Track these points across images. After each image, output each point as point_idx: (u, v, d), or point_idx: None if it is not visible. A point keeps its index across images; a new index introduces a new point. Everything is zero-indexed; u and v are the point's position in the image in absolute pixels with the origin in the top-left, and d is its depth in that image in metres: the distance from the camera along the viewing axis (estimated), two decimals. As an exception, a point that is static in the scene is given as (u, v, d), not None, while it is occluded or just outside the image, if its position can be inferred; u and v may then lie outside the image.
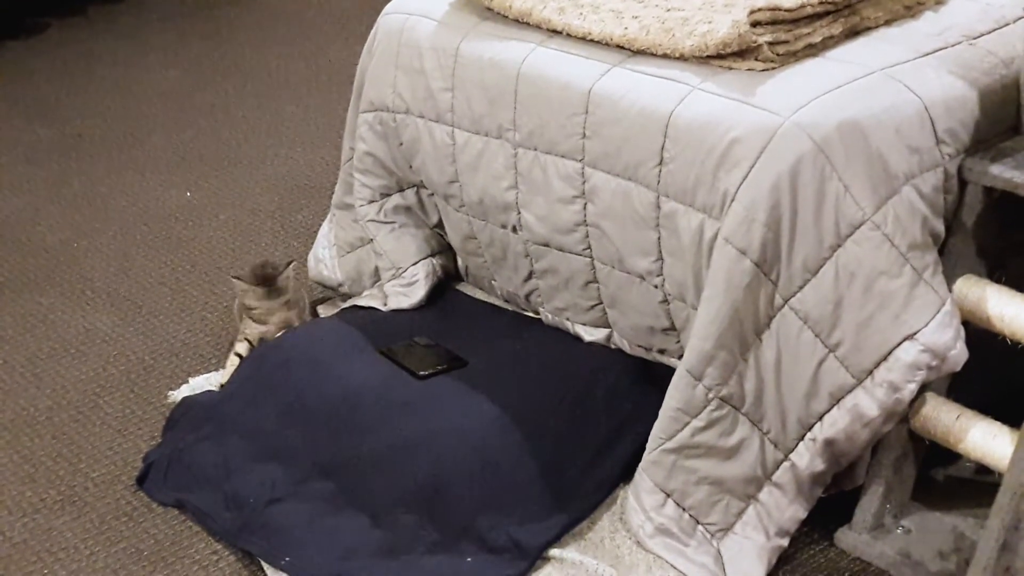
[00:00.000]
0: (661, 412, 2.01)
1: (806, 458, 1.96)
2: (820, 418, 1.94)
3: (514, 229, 2.37)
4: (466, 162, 2.39)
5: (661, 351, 2.25)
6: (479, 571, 1.99)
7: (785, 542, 1.99)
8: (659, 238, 2.10)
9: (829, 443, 1.93)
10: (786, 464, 1.97)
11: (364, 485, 2.14)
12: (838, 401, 1.92)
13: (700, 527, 1.99)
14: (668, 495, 2.00)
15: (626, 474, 2.12)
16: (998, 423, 1.90)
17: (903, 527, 2.00)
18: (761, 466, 1.97)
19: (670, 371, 2.25)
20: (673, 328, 2.18)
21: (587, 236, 2.23)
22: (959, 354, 1.91)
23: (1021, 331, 1.86)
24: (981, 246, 1.95)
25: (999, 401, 1.94)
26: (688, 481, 1.98)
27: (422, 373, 2.33)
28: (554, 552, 2.03)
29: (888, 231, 1.88)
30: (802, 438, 1.95)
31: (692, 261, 2.03)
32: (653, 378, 2.26)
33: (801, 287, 1.90)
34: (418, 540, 2.05)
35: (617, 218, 2.16)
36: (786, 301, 1.91)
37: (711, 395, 1.94)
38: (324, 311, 2.68)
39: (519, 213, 2.34)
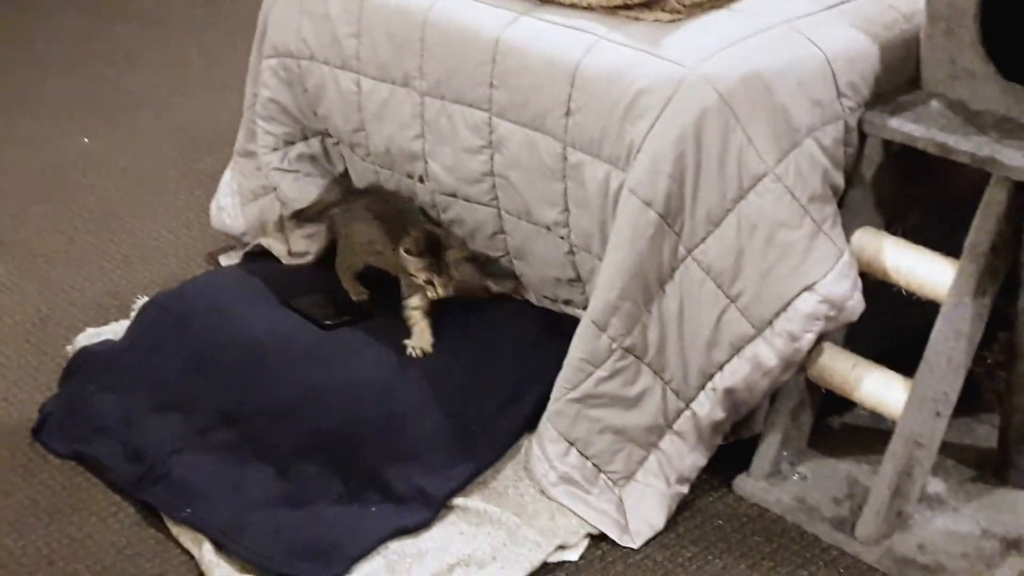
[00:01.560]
0: (566, 362, 2.02)
1: (707, 407, 1.99)
2: (721, 368, 1.97)
3: (421, 179, 2.36)
4: (372, 110, 2.36)
5: (567, 302, 2.26)
6: (384, 520, 1.99)
7: (685, 489, 2.02)
8: (566, 189, 2.10)
9: (729, 392, 1.96)
10: (687, 413, 2.00)
11: (268, 436, 2.13)
12: (738, 351, 1.95)
13: (602, 475, 2.01)
14: (571, 444, 2.01)
15: (531, 424, 2.13)
16: (892, 372, 1.94)
17: (799, 474, 2.05)
18: (663, 415, 2.00)
19: (576, 322, 2.26)
20: (579, 279, 2.19)
21: (494, 187, 2.23)
22: (856, 305, 1.95)
23: (916, 282, 1.90)
24: (879, 199, 1.99)
25: (894, 351, 1.98)
26: (591, 430, 2.00)
27: (327, 324, 2.31)
28: (459, 501, 2.03)
29: (789, 183, 1.90)
30: (703, 387, 1.98)
31: (598, 212, 2.04)
32: (559, 329, 2.27)
33: (704, 238, 1.92)
34: (323, 490, 2.05)
35: (524, 169, 2.15)
36: (689, 252, 1.93)
37: (615, 345, 1.96)
38: (226, 260, 2.65)
39: (426, 163, 2.32)
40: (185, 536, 2.00)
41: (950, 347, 1.84)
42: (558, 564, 1.95)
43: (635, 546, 1.96)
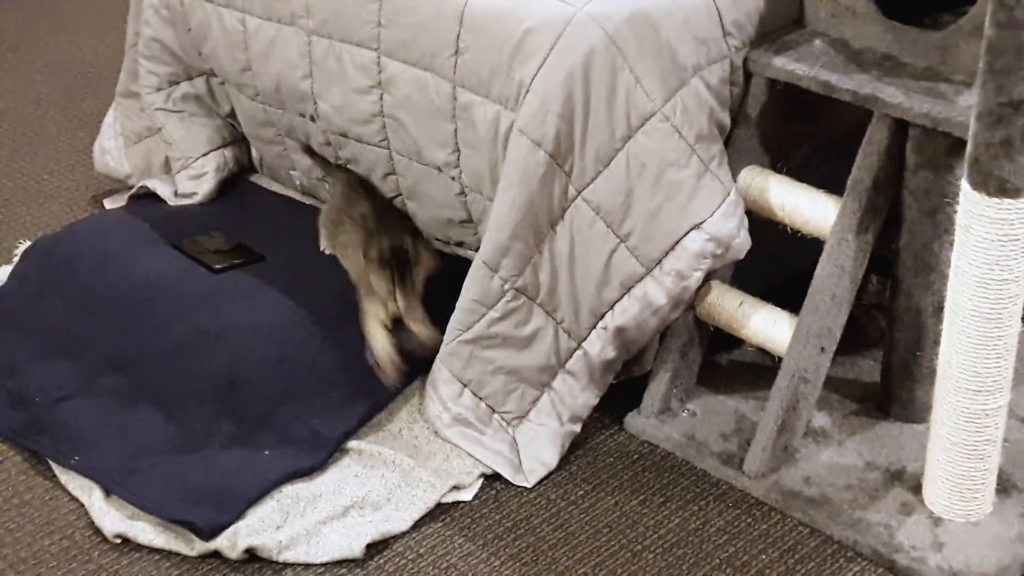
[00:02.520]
0: (459, 304, 2.02)
1: (598, 346, 2.00)
2: (611, 307, 1.98)
3: (312, 118, 2.33)
4: (258, 50, 2.32)
5: (459, 244, 2.26)
6: (277, 463, 1.98)
7: (578, 428, 2.04)
8: (456, 129, 2.09)
9: (620, 331, 1.98)
10: (579, 352, 2.01)
11: (157, 380, 2.10)
12: (628, 290, 1.97)
13: (496, 415, 2.02)
14: (465, 385, 2.02)
15: (426, 366, 2.13)
16: (778, 309, 1.98)
17: (688, 410, 2.08)
18: (555, 355, 2.01)
19: (468, 264, 2.26)
20: (470, 220, 2.19)
21: (384, 127, 2.21)
22: (742, 243, 1.97)
23: (801, 220, 1.92)
24: (764, 137, 2.01)
25: (779, 288, 2.01)
26: (484, 371, 2.01)
27: (216, 267, 2.28)
28: (353, 443, 2.03)
29: (677, 122, 1.91)
30: (594, 327, 2.00)
31: (488, 153, 2.03)
32: (453, 271, 2.27)
33: (594, 178, 1.93)
34: (213, 434, 2.03)
35: (414, 109, 2.13)
36: (579, 192, 1.94)
37: (507, 286, 1.96)
38: (111, 203, 2.60)
39: (315, 103, 2.29)
40: (74, 484, 1.97)
41: (833, 284, 1.88)
42: (452, 504, 1.96)
43: (528, 485, 1.98)
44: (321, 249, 2.30)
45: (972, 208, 1.64)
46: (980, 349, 1.70)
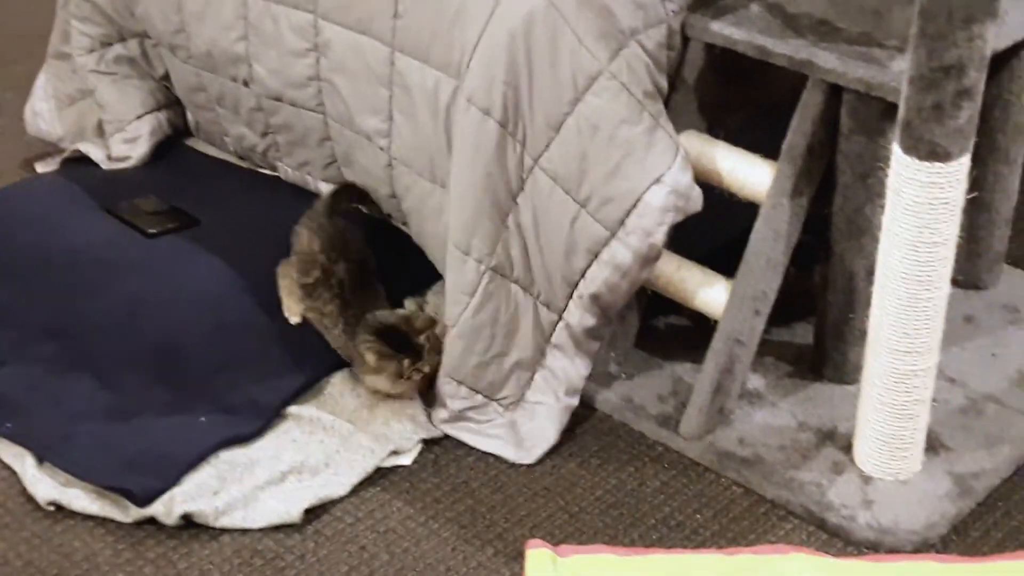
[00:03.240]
0: (446, 299, 2.00)
1: (576, 316, 1.98)
2: (583, 274, 1.95)
3: (245, 83, 2.30)
4: (192, 11, 2.28)
5: (389, 216, 2.25)
6: (213, 430, 1.97)
7: (575, 400, 2.02)
8: (391, 96, 2.07)
9: (594, 298, 1.96)
10: (561, 324, 1.99)
11: (91, 347, 2.08)
12: (596, 256, 1.93)
13: (493, 403, 2.01)
14: (460, 382, 2.00)
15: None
16: (714, 273, 1.99)
17: (626, 374, 2.09)
18: (539, 331, 1.99)
19: (402, 233, 2.25)
20: (394, 195, 2.17)
21: (320, 92, 2.19)
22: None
23: (737, 184, 1.94)
24: (702, 102, 2.01)
25: (715, 253, 2.02)
26: (478, 364, 1.99)
27: (151, 231, 2.26)
28: (292, 409, 2.02)
29: (624, 80, 1.89)
30: (570, 296, 1.97)
31: (427, 122, 2.02)
32: (394, 244, 2.26)
33: (547, 145, 1.91)
34: (149, 401, 2.01)
35: (350, 73, 2.12)
36: (535, 161, 1.92)
37: (482, 267, 1.95)
38: (43, 167, 2.56)
39: (250, 66, 2.26)
40: (6, 451, 1.94)
41: (768, 247, 1.89)
42: (391, 469, 1.96)
43: (530, 461, 1.97)
44: (286, 316, 2.07)
45: (903, 172, 1.66)
46: (910, 311, 1.73)
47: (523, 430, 2.00)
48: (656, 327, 2.17)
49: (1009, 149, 2.07)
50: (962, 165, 1.65)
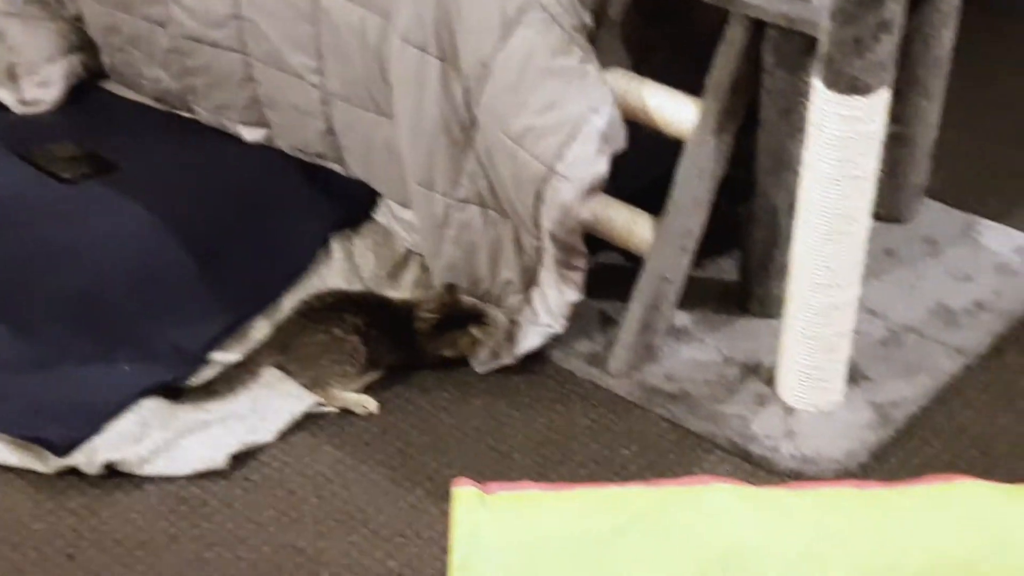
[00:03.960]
0: (421, 233, 1.99)
1: (549, 247, 1.96)
2: (537, 210, 1.93)
3: (161, 24, 2.25)
4: (104, -52, 2.23)
5: (320, 155, 2.22)
6: (136, 377, 1.95)
7: (558, 326, 2.00)
8: (318, 33, 2.04)
9: (552, 234, 1.94)
10: (540, 247, 1.97)
11: (8, 297, 2.03)
12: (541, 194, 1.90)
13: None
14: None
15: (291, 278, 2.11)
16: (641, 211, 1.99)
17: (556, 314, 2.09)
18: (524, 253, 1.99)
19: (333, 173, 2.23)
20: (332, 131, 2.15)
21: (241, 31, 2.15)
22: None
23: (663, 122, 1.93)
24: (627, 40, 2.00)
25: (642, 191, 2.02)
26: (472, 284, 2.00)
27: (68, 177, 2.21)
28: (216, 355, 2.00)
29: (554, 12, 1.86)
30: (539, 227, 1.95)
31: (357, 59, 1.99)
32: (317, 179, 2.24)
33: (483, 80, 1.89)
34: (70, 351, 1.98)
35: (272, 11, 2.08)
36: (477, 98, 1.91)
37: (449, 200, 1.94)
38: (-48, 115, 2.49)
39: (166, 6, 2.22)
40: (-78, 404, 1.91)
41: (694, 184, 1.90)
42: (320, 414, 1.95)
43: (510, 361, 1.99)
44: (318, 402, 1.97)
45: (824, 106, 1.66)
46: (831, 245, 1.74)
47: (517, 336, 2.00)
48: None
49: (929, 82, 2.09)
50: (882, 99, 1.66)
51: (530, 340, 2.00)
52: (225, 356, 2.00)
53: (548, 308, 2.00)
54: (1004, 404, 1.94)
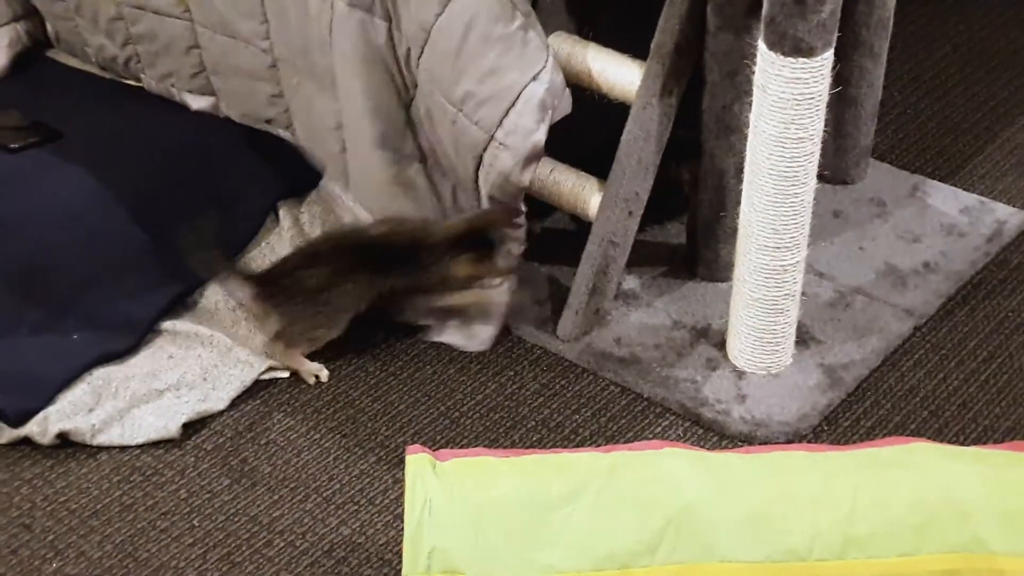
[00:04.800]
0: (370, 193, 2.01)
1: (487, 205, 1.97)
2: (477, 174, 1.93)
3: (105, -9, 2.23)
4: (46, -87, 2.20)
5: (268, 121, 2.20)
6: (86, 347, 1.94)
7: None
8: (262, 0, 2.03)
9: (492, 199, 1.94)
10: (479, 207, 1.99)
11: (-46, 267, 2.02)
12: (479, 159, 1.91)
13: None
14: None
15: (239, 246, 2.10)
16: (587, 175, 1.99)
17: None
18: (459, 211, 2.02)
19: (281, 140, 2.22)
20: (281, 95, 2.13)
21: (186, -3, 2.13)
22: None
23: (607, 85, 1.93)
24: (570, 2, 2.00)
25: (587, 155, 2.02)
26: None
27: (12, 146, 2.19)
28: (166, 324, 2.00)
29: None
30: (477, 190, 1.96)
31: (296, 23, 1.98)
32: (264, 147, 2.22)
33: (423, 46, 1.88)
34: (18, 321, 1.97)
35: (217, -23, 2.06)
36: (416, 61, 1.90)
37: (400, 158, 1.95)
38: None
39: (110, -28, 2.19)
40: None
41: (639, 148, 1.90)
42: (271, 381, 1.95)
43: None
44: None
45: (768, 68, 1.67)
46: (778, 207, 1.75)
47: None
48: (531, 231, 2.16)
49: (873, 43, 2.09)
50: (826, 60, 1.66)
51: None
52: (176, 324, 1.99)
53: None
54: (954, 365, 1.96)
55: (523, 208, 1.95)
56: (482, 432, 1.87)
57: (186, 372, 1.93)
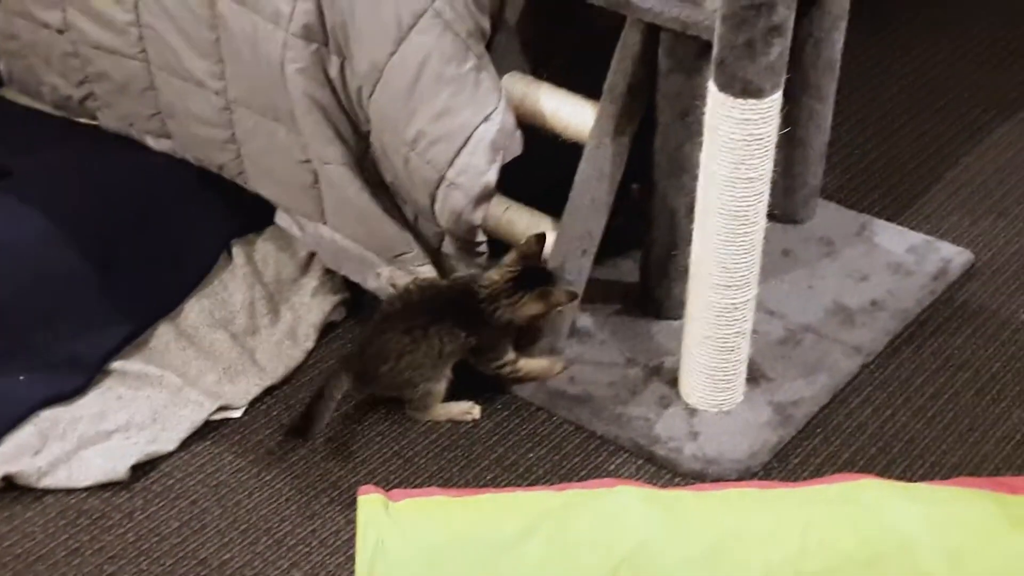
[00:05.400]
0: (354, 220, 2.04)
1: (448, 242, 2.01)
2: (432, 210, 1.95)
3: (60, 30, 2.21)
4: (-2, -46, 2.19)
5: (220, 167, 2.19)
6: (33, 389, 1.92)
7: None
8: (217, 39, 2.02)
9: (449, 232, 1.97)
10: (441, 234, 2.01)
11: (-103, 308, 1.99)
12: (432, 197, 1.93)
13: None
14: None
15: (191, 284, 2.10)
16: (541, 214, 2.00)
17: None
18: (425, 241, 2.04)
19: (235, 185, 2.21)
20: (233, 140, 2.13)
21: (141, 38, 2.12)
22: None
23: (561, 125, 1.95)
24: (524, 43, 2.01)
25: (542, 194, 2.03)
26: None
27: (-40, 184, 2.17)
28: (116, 364, 1.98)
29: (448, 18, 1.87)
30: (437, 223, 1.98)
31: (252, 64, 1.98)
32: (218, 185, 2.22)
33: (375, 84, 1.89)
34: (-36, 362, 1.94)
35: (172, 18, 2.06)
36: (367, 100, 1.91)
37: (360, 183, 1.99)
38: None
39: (64, 12, 2.18)
40: None
41: (593, 187, 1.91)
42: (222, 422, 1.94)
43: None
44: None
45: (718, 109, 1.69)
46: (728, 246, 1.77)
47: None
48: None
49: (821, 85, 2.13)
50: (774, 101, 1.69)
51: None
52: (125, 365, 1.97)
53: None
54: (901, 402, 1.98)
55: (482, 239, 1.98)
56: (436, 471, 1.87)
57: (135, 413, 1.92)
